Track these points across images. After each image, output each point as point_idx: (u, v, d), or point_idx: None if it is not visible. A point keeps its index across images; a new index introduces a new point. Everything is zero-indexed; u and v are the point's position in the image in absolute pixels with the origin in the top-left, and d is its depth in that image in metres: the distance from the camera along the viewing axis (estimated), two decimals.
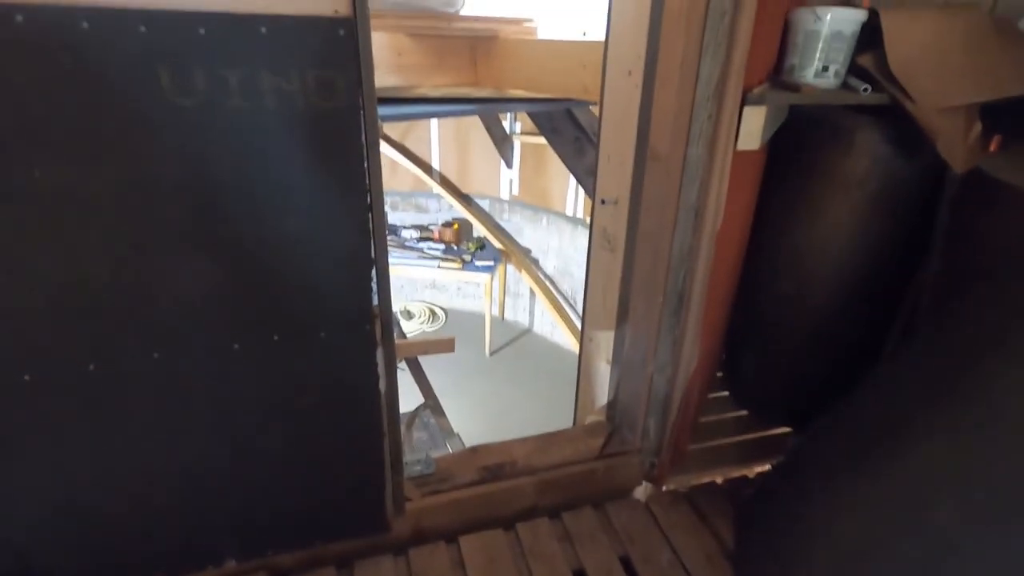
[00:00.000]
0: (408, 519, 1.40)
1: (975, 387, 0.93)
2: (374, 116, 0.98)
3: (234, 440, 1.16)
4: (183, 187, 0.94)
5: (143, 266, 0.97)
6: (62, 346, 0.97)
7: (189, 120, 0.90)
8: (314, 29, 0.89)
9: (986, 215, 1.25)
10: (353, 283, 1.10)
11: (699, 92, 1.15)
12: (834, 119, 1.51)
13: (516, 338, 4.53)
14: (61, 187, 0.88)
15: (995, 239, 1.21)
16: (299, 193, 0.99)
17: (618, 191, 1.39)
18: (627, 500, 1.58)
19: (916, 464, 0.95)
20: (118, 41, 0.83)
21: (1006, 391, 0.88)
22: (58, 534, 1.13)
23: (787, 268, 1.72)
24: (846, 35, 1.33)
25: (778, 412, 1.85)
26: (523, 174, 4.21)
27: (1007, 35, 1.27)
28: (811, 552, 1.11)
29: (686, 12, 1.13)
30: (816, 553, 1.09)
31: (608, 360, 1.61)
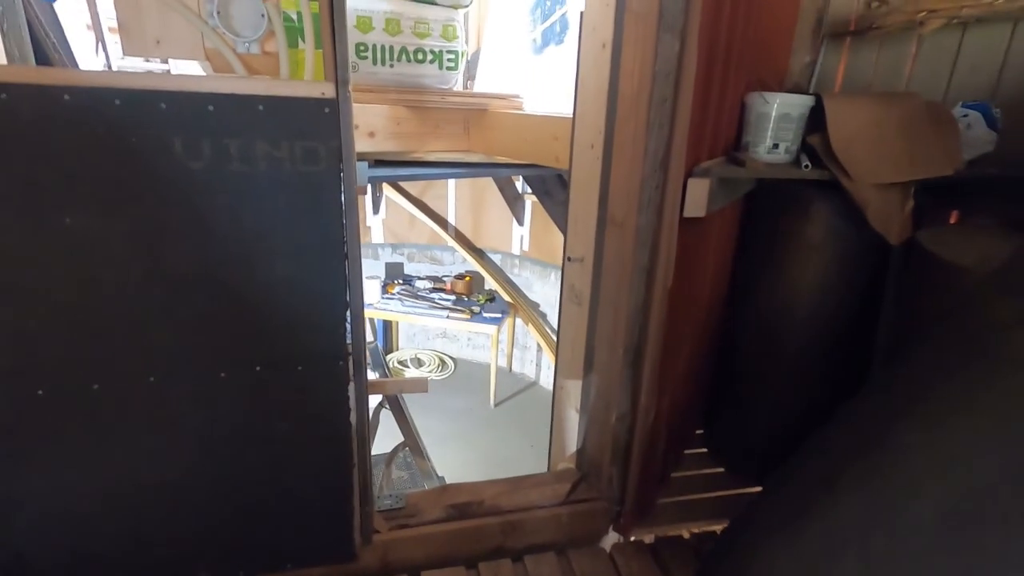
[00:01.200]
0: (375, 550, 1.47)
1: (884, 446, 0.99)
2: (352, 179, 1.14)
3: (214, 462, 1.28)
4: (188, 235, 1.11)
5: (147, 300, 1.12)
6: (72, 366, 1.12)
7: (196, 180, 1.07)
8: (303, 108, 1.07)
9: (923, 282, 1.33)
10: (330, 324, 1.23)
11: (647, 165, 1.29)
12: (793, 192, 1.63)
13: (522, 390, 4.59)
14: (86, 232, 1.06)
15: (929, 304, 1.29)
16: (285, 243, 1.15)
17: (583, 250, 1.52)
18: (591, 547, 1.62)
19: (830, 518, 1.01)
20: (143, 116, 1.01)
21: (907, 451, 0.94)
22: (52, 539, 1.24)
23: (757, 327, 1.80)
24: (794, 116, 1.47)
25: (751, 468, 1.88)
26: (534, 231, 4.40)
27: (940, 120, 1.39)
28: None
29: (635, 96, 1.28)
30: None
31: (577, 409, 1.69)
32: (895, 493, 0.90)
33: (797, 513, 1.15)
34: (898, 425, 0.99)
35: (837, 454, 1.15)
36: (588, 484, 1.70)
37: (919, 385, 1.02)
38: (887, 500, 0.92)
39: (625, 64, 1.29)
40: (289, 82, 1.09)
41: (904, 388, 1.05)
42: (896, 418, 1.01)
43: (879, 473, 0.97)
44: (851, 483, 1.02)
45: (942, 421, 0.91)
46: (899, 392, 1.07)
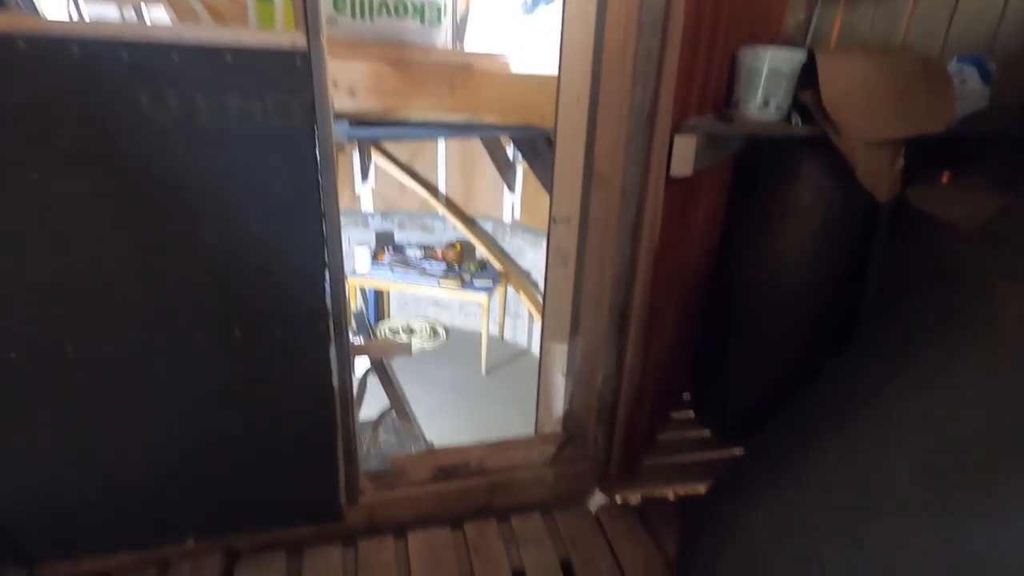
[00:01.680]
0: (361, 511, 1.48)
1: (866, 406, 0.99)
2: (328, 134, 1.10)
3: (196, 425, 1.27)
4: (158, 192, 1.07)
5: (118, 260, 1.09)
6: (45, 328, 1.10)
7: (164, 134, 1.03)
8: (274, 59, 1.03)
9: (911, 240, 1.32)
10: (308, 284, 1.21)
11: (633, 120, 1.26)
12: (784, 151, 1.60)
13: (514, 358, 4.60)
14: (51, 188, 1.02)
15: (915, 262, 1.28)
16: (260, 201, 1.12)
17: (569, 210, 1.49)
18: (577, 508, 1.64)
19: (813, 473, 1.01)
20: (104, 66, 0.97)
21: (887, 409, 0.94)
22: (33, 503, 1.24)
23: (745, 288, 1.79)
24: (785, 72, 1.43)
25: (737, 430, 1.90)
26: (525, 198, 4.35)
27: (933, 76, 1.36)
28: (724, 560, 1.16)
29: (621, 49, 1.24)
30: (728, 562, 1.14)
31: (563, 371, 1.69)
32: (873, 450, 0.90)
33: (778, 472, 1.15)
34: (880, 383, 0.98)
35: (819, 414, 1.15)
36: (574, 446, 1.71)
37: (902, 343, 1.02)
38: (865, 457, 0.92)
39: (611, 14, 1.24)
40: (258, 32, 1.05)
41: (887, 347, 1.05)
42: (878, 376, 1.01)
43: (859, 431, 0.97)
44: (831, 442, 1.02)
45: (923, 379, 0.91)
46: (882, 351, 1.06)
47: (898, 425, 0.91)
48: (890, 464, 0.83)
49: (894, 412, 0.93)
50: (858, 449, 0.96)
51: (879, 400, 0.97)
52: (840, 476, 0.95)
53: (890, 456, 0.85)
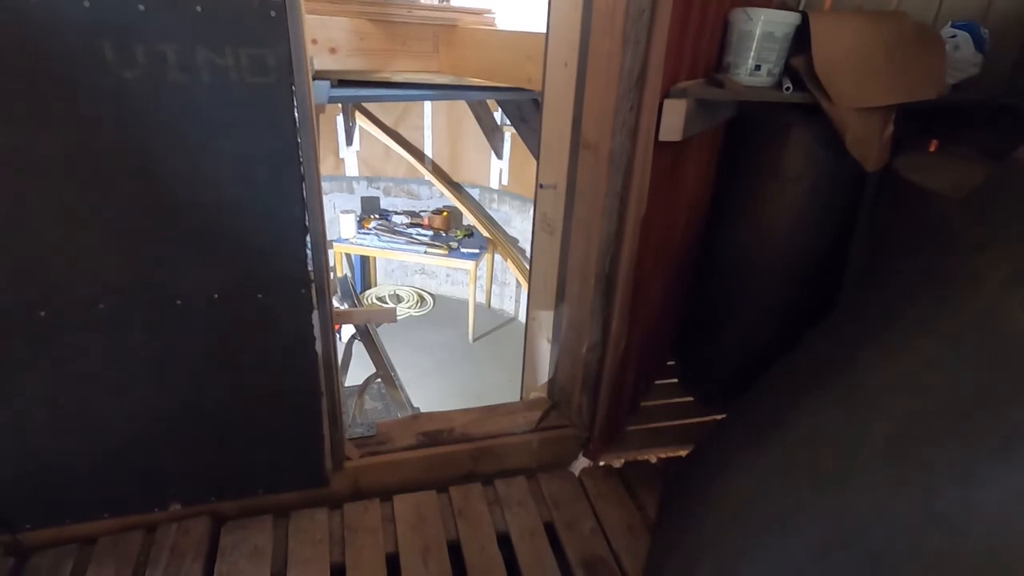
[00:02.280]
0: (347, 476, 1.49)
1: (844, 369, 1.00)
2: (306, 92, 1.06)
3: (177, 390, 1.25)
4: (127, 152, 1.03)
5: (90, 224, 1.06)
6: (15, 293, 1.07)
7: (131, 91, 0.99)
8: (246, 9, 0.97)
9: (897, 208, 1.32)
10: (289, 249, 1.18)
11: (622, 84, 1.22)
12: (774, 117, 1.58)
13: (501, 325, 4.61)
14: (11, 148, 0.97)
15: (900, 229, 1.28)
16: (236, 163, 1.08)
17: (556, 177, 1.47)
18: (560, 471, 1.67)
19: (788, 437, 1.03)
20: (64, 15, 0.91)
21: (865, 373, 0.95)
22: (11, 472, 1.23)
23: (732, 256, 1.80)
24: (778, 36, 1.40)
25: (720, 397, 1.92)
26: (513, 165, 4.29)
27: (926, 42, 1.33)
28: (702, 520, 1.19)
29: (611, 8, 1.20)
30: (706, 520, 1.17)
31: (549, 339, 1.69)
32: (850, 412, 0.91)
33: (757, 436, 1.17)
34: (858, 347, 0.99)
35: (798, 378, 1.17)
36: (559, 412, 1.73)
37: (883, 308, 1.03)
38: (841, 419, 0.94)
39: None
40: None
41: (869, 311, 1.06)
42: (857, 340, 1.02)
43: (836, 394, 0.98)
44: (810, 405, 1.03)
45: (902, 343, 0.92)
46: (864, 316, 1.07)
47: (874, 387, 0.92)
48: (866, 425, 0.85)
49: (871, 374, 0.94)
50: (835, 411, 0.97)
51: (857, 363, 0.98)
52: (817, 438, 0.97)
53: (866, 418, 0.86)
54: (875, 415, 0.84)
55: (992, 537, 0.66)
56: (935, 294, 0.91)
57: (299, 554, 1.34)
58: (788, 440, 1.01)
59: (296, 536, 1.38)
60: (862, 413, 0.87)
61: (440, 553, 1.37)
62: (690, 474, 1.48)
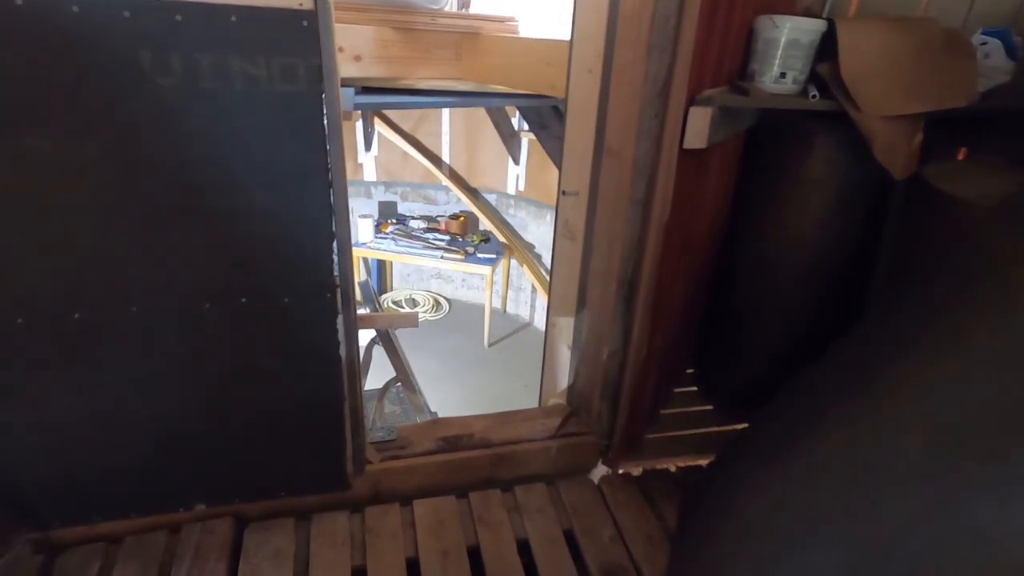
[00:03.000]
0: (367, 480, 1.50)
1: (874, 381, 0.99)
2: (335, 100, 1.08)
3: (204, 393, 1.27)
4: (160, 159, 1.05)
5: (123, 228, 1.08)
6: (50, 295, 1.09)
7: (166, 98, 1.01)
8: (279, 19, 0.99)
9: (925, 218, 1.30)
10: (315, 254, 1.20)
11: (647, 91, 1.23)
12: (797, 125, 1.57)
13: (516, 331, 4.61)
14: (50, 154, 1.00)
15: (929, 240, 1.26)
16: (265, 169, 1.10)
17: (579, 183, 1.47)
18: (579, 478, 1.66)
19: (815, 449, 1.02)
20: (105, 25, 0.94)
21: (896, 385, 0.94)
22: (45, 470, 1.25)
23: (754, 264, 1.78)
24: (803, 43, 1.39)
25: (740, 405, 1.91)
26: (530, 170, 4.29)
27: (956, 49, 1.32)
28: (724, 531, 1.18)
29: (637, 15, 1.20)
30: (727, 533, 1.16)
31: (569, 345, 1.69)
32: (881, 425, 0.90)
33: (782, 445, 1.16)
34: (889, 360, 0.98)
35: (826, 388, 1.15)
36: (578, 419, 1.72)
37: (913, 320, 1.01)
38: (873, 432, 0.92)
39: None
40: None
41: (897, 323, 1.04)
42: (887, 353, 1.01)
43: (866, 406, 0.97)
44: (838, 416, 1.02)
45: (933, 356, 0.90)
46: (892, 327, 1.06)
47: (907, 400, 0.90)
48: (898, 439, 0.84)
49: (903, 387, 0.93)
50: (865, 424, 0.96)
51: (887, 375, 0.96)
52: (845, 450, 0.96)
53: (899, 430, 0.85)
54: (908, 427, 0.83)
55: None
56: (968, 306, 0.89)
57: (321, 557, 1.35)
58: (815, 451, 0.99)
59: (318, 539, 1.39)
60: (894, 425, 0.86)
61: (460, 558, 1.37)
62: (711, 484, 1.46)
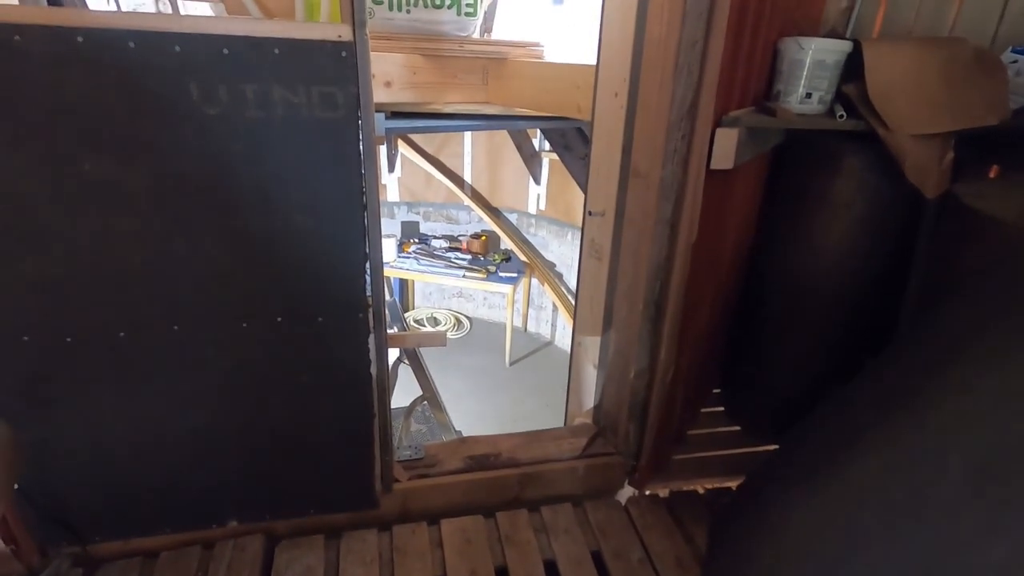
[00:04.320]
0: (395, 498, 1.51)
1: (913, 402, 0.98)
2: (371, 127, 1.11)
3: (240, 410, 1.30)
4: (206, 183, 1.10)
5: (169, 250, 1.12)
6: (98, 314, 1.14)
7: (213, 126, 1.05)
8: (320, 51, 1.04)
9: (959, 238, 1.29)
10: (349, 275, 1.23)
11: (674, 113, 1.24)
12: (824, 144, 1.57)
13: (537, 350, 4.61)
14: (105, 179, 1.05)
15: (963, 259, 1.25)
16: (304, 192, 1.14)
17: (605, 204, 1.49)
18: (607, 500, 1.65)
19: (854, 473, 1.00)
20: (157, 59, 0.99)
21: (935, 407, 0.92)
22: (88, 484, 1.29)
23: (781, 284, 1.77)
24: (829, 64, 1.40)
25: (768, 427, 1.88)
26: (550, 190, 4.34)
27: (986, 67, 1.31)
28: (759, 555, 1.16)
29: (664, 39, 1.22)
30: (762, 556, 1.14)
31: (595, 364, 1.69)
32: (922, 448, 0.88)
33: (817, 468, 1.14)
34: (927, 381, 0.97)
35: (860, 409, 1.14)
36: (605, 439, 1.72)
37: (950, 341, 1.00)
38: (913, 455, 0.91)
39: (653, 4, 1.22)
40: (305, 24, 1.06)
41: (934, 344, 1.03)
42: (925, 374, 0.99)
43: (905, 429, 0.96)
44: (876, 438, 1.01)
45: (976, 375, 0.89)
46: (929, 348, 1.05)
47: (948, 422, 0.89)
48: (942, 460, 0.82)
49: (943, 408, 0.91)
50: (904, 446, 0.94)
51: (927, 396, 0.95)
52: (886, 473, 0.94)
53: (942, 452, 0.83)
54: (951, 449, 0.82)
55: None
56: (1007, 326, 0.88)
57: (350, 575, 1.35)
58: (853, 473, 0.98)
59: (347, 557, 1.39)
60: (937, 447, 0.84)
61: None
62: (742, 506, 1.44)
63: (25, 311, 1.10)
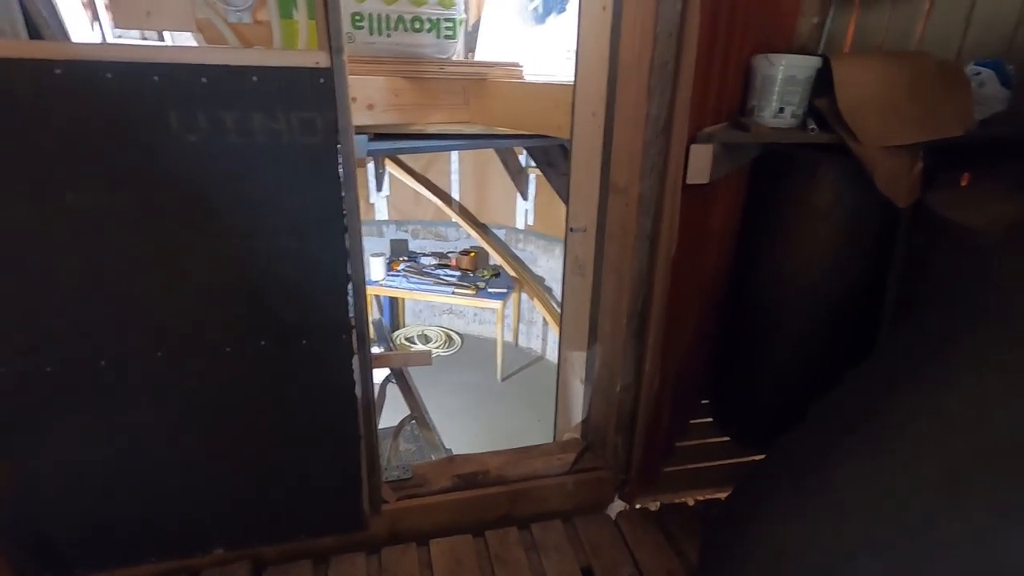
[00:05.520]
0: (384, 520, 1.50)
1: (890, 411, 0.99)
2: (350, 150, 1.13)
3: (224, 435, 1.29)
4: (187, 211, 1.10)
5: (151, 276, 1.13)
6: (79, 342, 1.13)
7: (193, 153, 1.06)
8: (298, 78, 1.05)
9: (931, 246, 1.31)
10: (332, 297, 1.23)
11: (649, 131, 1.27)
12: (801, 157, 1.60)
13: (528, 364, 4.60)
14: (87, 208, 1.05)
15: (937, 267, 1.27)
16: (285, 216, 1.15)
17: (586, 220, 1.51)
18: (597, 515, 1.64)
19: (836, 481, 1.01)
20: (136, 89, 1.00)
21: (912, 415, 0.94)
22: (70, 514, 1.27)
23: (763, 295, 1.79)
24: (800, 79, 1.43)
25: (756, 436, 1.89)
26: (538, 205, 4.36)
27: (950, 79, 1.35)
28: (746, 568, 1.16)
29: (637, 60, 1.25)
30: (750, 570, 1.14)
31: (582, 379, 1.69)
32: (901, 456, 0.90)
33: (800, 478, 1.15)
34: (904, 389, 0.98)
35: (840, 419, 1.15)
36: (593, 453, 1.72)
37: (926, 348, 1.02)
38: (893, 463, 0.92)
39: (626, 26, 1.25)
40: (282, 52, 1.08)
41: (910, 352, 1.05)
42: (902, 382, 1.01)
43: (884, 437, 0.97)
44: (856, 447, 1.02)
45: (948, 384, 0.90)
46: (905, 356, 1.06)
47: (922, 430, 0.90)
48: (918, 468, 0.83)
49: (919, 417, 0.93)
50: (882, 455, 0.95)
51: (903, 405, 0.96)
52: (865, 483, 0.95)
53: (917, 460, 0.84)
54: (926, 457, 0.83)
55: None
56: (980, 334, 0.90)
57: None
58: (834, 483, 0.99)
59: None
60: (912, 455, 0.85)
61: None
62: (729, 519, 1.44)
63: (2, 341, 1.10)
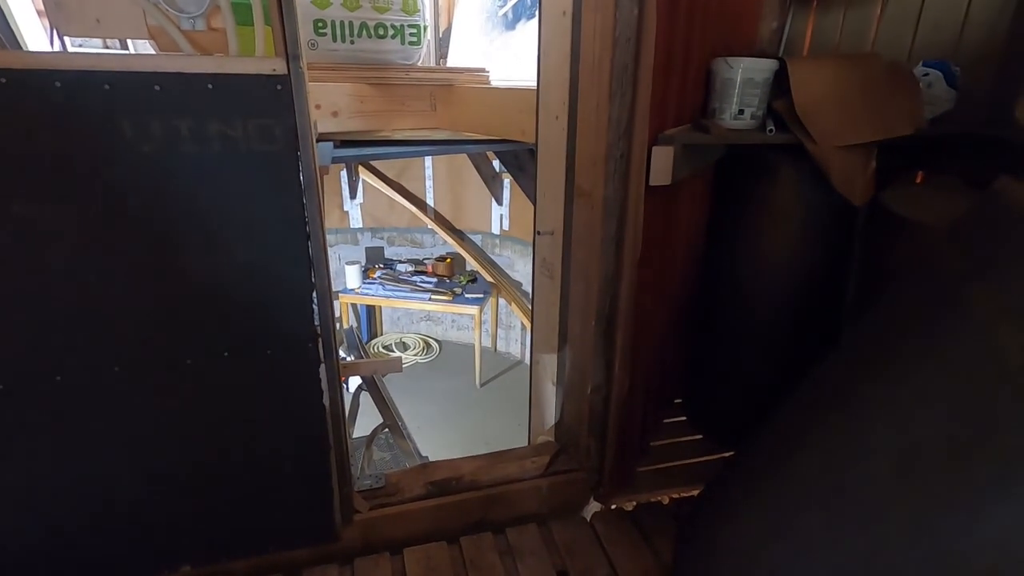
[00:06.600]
0: (357, 529, 1.48)
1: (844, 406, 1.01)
2: (310, 157, 1.12)
3: (189, 450, 1.27)
4: (143, 220, 1.08)
5: (105, 289, 1.10)
6: (32, 359, 1.10)
7: (148, 162, 1.04)
8: (254, 85, 1.04)
9: (886, 242, 1.35)
10: (296, 305, 1.22)
11: (611, 134, 1.28)
12: (762, 158, 1.64)
13: (507, 369, 4.60)
14: (36, 220, 1.03)
15: (891, 262, 1.31)
16: (244, 225, 1.13)
17: (553, 223, 1.52)
18: (572, 517, 1.64)
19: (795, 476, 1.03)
20: (87, 98, 0.98)
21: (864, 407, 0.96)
22: (28, 536, 1.23)
23: (730, 293, 1.82)
24: (758, 82, 1.47)
25: (729, 433, 1.91)
26: (513, 210, 4.37)
27: (900, 80, 1.40)
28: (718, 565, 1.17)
29: (597, 64, 1.27)
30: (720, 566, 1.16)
31: (554, 381, 1.70)
32: (853, 448, 0.92)
33: (764, 474, 1.17)
34: (858, 382, 1.01)
35: (802, 414, 1.17)
36: (567, 456, 1.72)
37: (879, 342, 1.04)
38: (846, 456, 0.94)
39: (586, 31, 1.27)
40: (238, 59, 1.06)
41: (865, 346, 1.07)
42: (856, 375, 1.03)
43: (837, 432, 0.99)
44: (814, 441, 1.04)
45: (897, 375, 0.93)
46: (861, 350, 1.09)
47: (873, 424, 0.92)
48: (867, 463, 0.85)
49: (869, 411, 0.95)
50: (837, 449, 0.97)
51: (856, 400, 0.99)
52: (820, 478, 0.97)
53: (867, 455, 0.86)
54: (878, 450, 0.85)
55: (996, 569, 0.66)
56: (926, 327, 0.93)
57: None
58: (796, 479, 1.00)
59: None
60: (865, 449, 0.88)
61: None
62: (702, 516, 1.46)
63: None
